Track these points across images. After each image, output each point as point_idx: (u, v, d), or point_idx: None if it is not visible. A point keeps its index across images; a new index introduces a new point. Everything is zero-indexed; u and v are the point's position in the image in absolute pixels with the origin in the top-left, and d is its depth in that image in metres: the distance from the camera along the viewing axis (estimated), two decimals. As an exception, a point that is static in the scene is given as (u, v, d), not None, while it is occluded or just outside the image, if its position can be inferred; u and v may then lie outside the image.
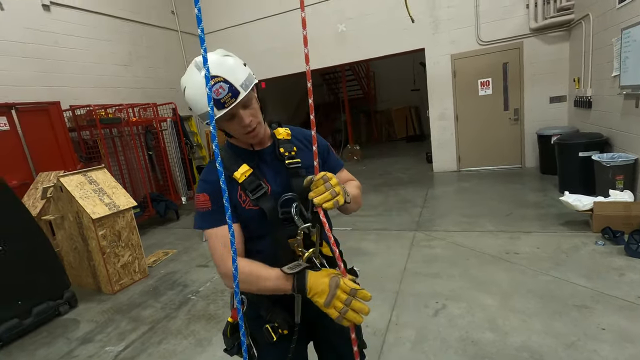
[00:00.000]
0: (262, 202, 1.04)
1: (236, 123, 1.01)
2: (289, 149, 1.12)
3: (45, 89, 5.09)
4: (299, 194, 1.04)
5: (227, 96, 0.94)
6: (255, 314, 1.14)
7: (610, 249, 3.07)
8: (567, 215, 3.81)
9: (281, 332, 1.09)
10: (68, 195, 3.48)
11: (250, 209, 1.05)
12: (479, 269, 3.07)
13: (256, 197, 1.04)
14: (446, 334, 2.30)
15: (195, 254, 4.38)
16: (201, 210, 1.08)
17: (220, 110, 0.95)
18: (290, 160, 1.10)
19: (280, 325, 1.08)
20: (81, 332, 2.93)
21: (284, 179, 1.10)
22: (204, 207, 1.07)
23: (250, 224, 1.07)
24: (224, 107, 0.95)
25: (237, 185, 1.06)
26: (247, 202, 1.05)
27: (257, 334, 1.14)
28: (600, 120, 4.65)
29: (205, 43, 0.84)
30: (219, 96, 0.94)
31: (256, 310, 1.14)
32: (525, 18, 5.81)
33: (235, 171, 1.05)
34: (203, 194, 1.07)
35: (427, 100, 6.91)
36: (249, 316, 1.14)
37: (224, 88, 0.94)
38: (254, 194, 1.04)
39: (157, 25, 7.11)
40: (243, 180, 1.05)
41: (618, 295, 2.44)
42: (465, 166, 6.81)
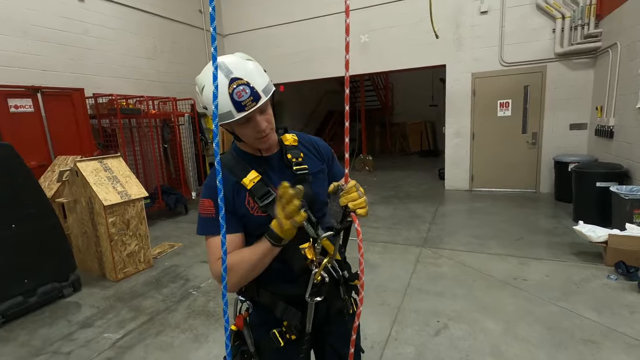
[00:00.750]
0: (271, 209, 1.02)
1: (251, 127, 1.00)
2: (296, 155, 1.12)
3: (71, 76, 5.24)
4: (308, 200, 1.02)
5: (248, 99, 0.94)
6: (263, 320, 1.13)
7: (623, 285, 2.97)
8: (580, 246, 3.72)
9: (288, 338, 1.08)
10: (83, 180, 3.55)
11: (259, 215, 1.04)
12: (485, 292, 3.00)
13: (265, 204, 1.03)
14: (446, 355, 2.25)
15: (200, 249, 4.40)
16: (205, 216, 1.06)
17: (240, 112, 0.95)
18: (297, 166, 1.10)
19: (288, 330, 1.07)
20: (82, 316, 2.96)
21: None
22: (208, 214, 1.05)
23: (258, 231, 1.03)
24: (244, 110, 0.94)
25: (246, 192, 1.05)
26: (256, 208, 1.04)
27: (263, 341, 1.12)
28: (621, 151, 4.55)
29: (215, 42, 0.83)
30: (240, 98, 0.93)
31: (264, 316, 1.12)
32: (551, 42, 5.75)
33: (244, 177, 1.04)
34: (208, 199, 1.05)
35: (443, 116, 6.87)
36: (255, 323, 1.13)
37: (246, 91, 0.93)
38: (262, 200, 1.02)
39: (183, 22, 7.27)
40: (252, 186, 1.04)
41: (628, 332, 2.35)
42: (477, 186, 6.72)
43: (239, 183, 1.05)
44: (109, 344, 2.56)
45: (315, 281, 1.01)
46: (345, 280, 1.13)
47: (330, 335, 1.22)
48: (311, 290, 1.02)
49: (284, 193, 0.89)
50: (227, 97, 0.93)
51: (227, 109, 0.94)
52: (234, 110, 0.94)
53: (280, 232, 0.94)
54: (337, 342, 1.21)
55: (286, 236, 0.94)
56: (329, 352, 1.25)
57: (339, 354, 1.23)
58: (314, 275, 1.01)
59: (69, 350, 2.50)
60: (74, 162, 3.62)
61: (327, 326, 1.19)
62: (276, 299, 1.09)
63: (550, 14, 5.65)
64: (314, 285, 1.02)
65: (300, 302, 1.07)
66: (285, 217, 0.90)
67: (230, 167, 1.07)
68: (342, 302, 1.16)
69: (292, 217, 0.90)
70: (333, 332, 1.21)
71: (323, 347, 1.26)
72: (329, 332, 1.21)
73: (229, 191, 1.05)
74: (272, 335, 1.09)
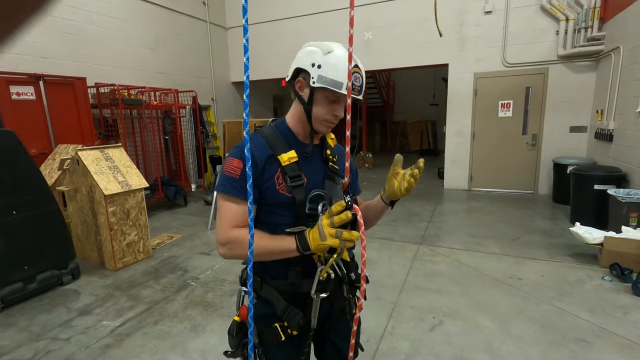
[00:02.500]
0: (296, 192, 1.05)
1: (332, 110, 1.05)
2: (333, 154, 1.17)
3: (74, 65, 5.22)
4: (329, 197, 1.06)
5: (357, 87, 1.01)
6: (265, 312, 1.13)
7: (617, 286, 3.01)
8: (576, 247, 3.75)
9: (290, 333, 1.09)
10: (84, 169, 3.56)
11: (284, 194, 1.05)
12: (481, 289, 3.04)
13: (292, 185, 1.04)
14: (440, 350, 2.29)
15: (199, 241, 4.42)
16: (229, 175, 1.04)
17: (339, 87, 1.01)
18: (332, 164, 1.15)
19: (290, 325, 1.08)
20: (81, 304, 2.98)
21: (319, 178, 1.11)
22: (233, 173, 1.04)
23: (277, 209, 1.06)
24: (340, 88, 1.01)
25: (278, 167, 1.06)
26: (283, 186, 1.05)
27: (265, 334, 1.13)
28: (620, 155, 4.57)
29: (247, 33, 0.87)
30: (355, 82, 1.00)
31: (266, 309, 1.13)
32: (554, 44, 5.75)
33: (283, 153, 1.06)
34: (238, 160, 1.04)
35: (444, 116, 6.88)
36: (257, 315, 1.13)
37: (359, 80, 1.02)
38: (292, 181, 1.04)
39: (187, 14, 7.24)
40: (286, 165, 1.05)
41: (620, 333, 2.39)
42: (476, 186, 6.75)
43: (274, 156, 1.06)
44: (107, 332, 2.58)
45: (321, 278, 1.02)
46: (349, 280, 1.14)
47: (331, 331, 1.24)
48: (317, 287, 1.03)
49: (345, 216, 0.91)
50: (344, 72, 0.99)
51: (341, 81, 1.00)
52: (344, 85, 1.00)
53: (314, 245, 0.94)
54: (337, 339, 1.23)
55: (317, 250, 0.95)
56: (330, 348, 1.27)
57: (339, 350, 1.25)
58: (320, 272, 1.02)
59: (68, 337, 2.53)
60: (75, 151, 3.62)
61: (328, 322, 1.20)
62: (278, 296, 1.10)
63: (555, 16, 5.65)
64: (320, 282, 1.03)
65: (303, 298, 1.08)
66: (332, 235, 0.92)
67: (269, 139, 1.09)
68: (345, 300, 1.18)
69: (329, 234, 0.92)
70: (334, 329, 1.23)
71: (324, 342, 1.28)
72: (330, 328, 1.22)
73: (262, 161, 1.05)
74: (273, 329, 1.10)
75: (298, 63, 1.05)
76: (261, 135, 1.11)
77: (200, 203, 6.33)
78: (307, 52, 1.05)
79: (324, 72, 1.00)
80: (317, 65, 1.01)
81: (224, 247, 1.03)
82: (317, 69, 1.01)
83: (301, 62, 1.04)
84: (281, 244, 0.99)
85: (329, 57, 1.01)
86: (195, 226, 5.02)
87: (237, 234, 1.01)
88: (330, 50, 1.02)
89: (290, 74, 1.08)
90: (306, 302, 1.09)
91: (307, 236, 0.96)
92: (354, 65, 0.97)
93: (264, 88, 9.68)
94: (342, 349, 1.23)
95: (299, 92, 1.06)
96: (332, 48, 1.02)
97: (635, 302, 2.76)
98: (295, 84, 1.07)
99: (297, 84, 1.06)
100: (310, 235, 0.95)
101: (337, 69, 1.00)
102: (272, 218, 1.08)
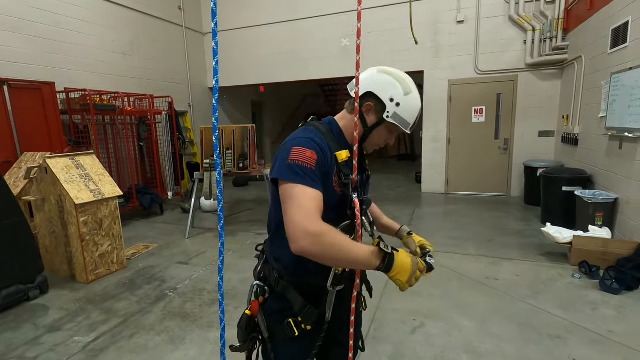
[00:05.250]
0: (347, 189, 1.04)
1: (387, 136, 1.15)
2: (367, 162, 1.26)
3: (42, 69, 5.01)
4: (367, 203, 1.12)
5: (413, 124, 1.13)
6: (278, 308, 1.13)
7: (586, 283, 3.15)
8: (547, 247, 3.91)
9: (304, 328, 1.09)
10: (52, 178, 3.40)
11: (336, 191, 1.05)
12: (459, 291, 3.10)
13: (344, 183, 1.03)
14: (422, 352, 2.31)
15: (176, 250, 4.30)
16: (301, 165, 0.95)
17: (407, 129, 1.12)
18: (368, 171, 1.24)
19: (304, 320, 1.08)
20: (50, 320, 2.83)
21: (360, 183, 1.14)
22: (307, 164, 0.96)
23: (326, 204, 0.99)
24: (409, 129, 1.13)
25: (336, 164, 1.04)
26: (337, 183, 1.05)
27: (276, 329, 1.12)
28: (585, 158, 4.82)
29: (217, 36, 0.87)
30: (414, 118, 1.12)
31: (280, 303, 1.13)
32: (522, 53, 6.03)
33: (340, 150, 1.05)
34: (312, 151, 0.98)
35: (421, 122, 7.03)
36: (270, 309, 1.13)
37: (417, 118, 1.14)
38: (345, 178, 1.04)
39: (161, 18, 7.11)
40: (342, 162, 1.04)
41: (591, 328, 2.50)
42: (453, 189, 6.93)
43: (332, 154, 1.05)
44: (79, 348, 2.46)
45: (337, 272, 1.05)
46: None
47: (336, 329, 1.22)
48: (332, 280, 1.05)
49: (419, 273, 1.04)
50: (416, 117, 1.12)
51: (410, 122, 1.11)
52: (410, 126, 1.12)
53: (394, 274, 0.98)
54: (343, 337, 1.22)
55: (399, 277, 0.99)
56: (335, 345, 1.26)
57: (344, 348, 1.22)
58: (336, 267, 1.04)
59: (35, 355, 2.39)
60: (44, 159, 3.46)
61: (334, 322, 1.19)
62: (296, 294, 1.09)
63: (522, 26, 5.93)
64: (336, 276, 1.05)
65: (318, 292, 1.09)
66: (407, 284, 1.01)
67: (324, 134, 1.08)
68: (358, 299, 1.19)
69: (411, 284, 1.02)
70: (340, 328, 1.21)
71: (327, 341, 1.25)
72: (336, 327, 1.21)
73: (330, 155, 1.04)
74: (286, 324, 1.10)
75: (373, 88, 1.08)
76: (317, 130, 1.08)
77: (177, 211, 6.17)
78: (387, 82, 1.08)
79: (401, 112, 1.08)
80: (396, 102, 1.07)
81: (316, 238, 0.88)
82: (396, 107, 1.07)
83: (376, 87, 1.08)
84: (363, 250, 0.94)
85: (409, 99, 1.09)
86: (173, 235, 4.89)
87: (332, 230, 0.91)
88: (410, 92, 1.09)
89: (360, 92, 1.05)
90: (320, 296, 1.09)
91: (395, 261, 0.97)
92: (421, 108, 1.12)
93: (242, 94, 9.61)
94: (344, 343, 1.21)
95: (366, 115, 1.10)
96: (411, 89, 1.10)
97: (602, 297, 2.90)
98: (366, 106, 1.09)
99: (366, 106, 1.09)
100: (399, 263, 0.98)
101: (412, 112, 1.10)
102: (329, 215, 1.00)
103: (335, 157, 1.04)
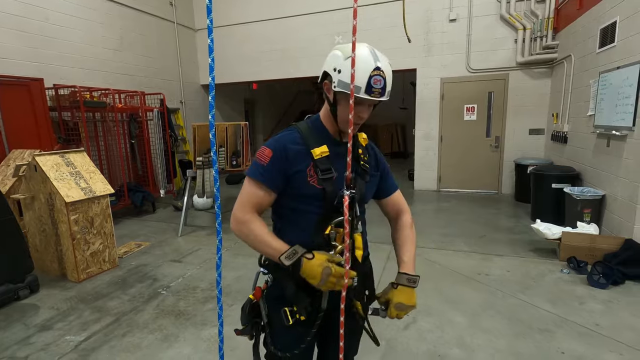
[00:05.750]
0: (327, 185, 1.10)
1: (356, 112, 1.07)
2: (365, 154, 1.23)
3: (30, 65, 4.92)
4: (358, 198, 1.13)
5: (378, 90, 1.04)
6: (277, 294, 1.17)
7: (574, 278, 3.22)
8: (537, 243, 3.97)
9: (297, 318, 1.11)
10: (42, 176, 3.35)
11: (314, 185, 1.11)
12: (451, 286, 3.14)
13: (323, 178, 1.10)
14: (415, 347, 2.34)
15: (169, 248, 4.27)
16: (257, 161, 1.13)
17: (366, 94, 1.03)
18: (363, 162, 1.20)
19: (298, 310, 1.11)
20: (40, 319, 2.80)
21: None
22: (261, 160, 1.12)
23: (307, 199, 1.12)
24: (370, 94, 1.04)
25: (311, 161, 1.12)
26: (314, 178, 1.11)
27: (274, 315, 1.16)
28: (574, 155, 4.91)
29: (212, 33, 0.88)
30: (374, 85, 1.03)
31: (279, 291, 1.16)
32: (513, 52, 6.10)
33: (315, 148, 1.12)
34: (270, 149, 1.12)
35: (413, 119, 7.09)
36: (271, 296, 1.18)
37: (381, 82, 1.04)
38: (323, 174, 1.10)
39: (152, 14, 7.02)
40: (318, 158, 1.11)
41: (578, 322, 2.55)
42: (445, 187, 6.99)
43: (307, 151, 1.12)
44: (70, 347, 2.44)
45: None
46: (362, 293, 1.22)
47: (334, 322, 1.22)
48: None
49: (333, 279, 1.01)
50: (367, 76, 1.02)
51: (359, 85, 1.02)
52: (363, 89, 1.03)
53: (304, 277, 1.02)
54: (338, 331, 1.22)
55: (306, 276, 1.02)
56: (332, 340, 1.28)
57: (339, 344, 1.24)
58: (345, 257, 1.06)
59: (25, 355, 2.36)
60: (33, 156, 3.41)
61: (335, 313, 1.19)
62: (289, 279, 1.12)
63: (513, 25, 5.99)
64: None
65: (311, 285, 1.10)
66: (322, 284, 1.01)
67: (304, 134, 1.16)
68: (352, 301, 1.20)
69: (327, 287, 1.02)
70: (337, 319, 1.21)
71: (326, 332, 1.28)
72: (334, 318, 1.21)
73: (293, 153, 1.11)
74: (282, 313, 1.13)
75: (325, 66, 1.11)
76: (297, 129, 1.18)
77: (169, 209, 6.13)
78: (332, 55, 1.10)
79: (343, 77, 1.04)
80: (337, 70, 1.06)
81: (238, 224, 1.12)
82: (338, 74, 1.06)
83: (327, 65, 1.10)
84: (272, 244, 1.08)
85: (348, 63, 1.03)
86: (165, 233, 4.85)
87: (253, 222, 1.11)
88: (349, 55, 1.03)
89: (320, 76, 1.14)
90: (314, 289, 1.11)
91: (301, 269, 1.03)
92: (375, 68, 1.02)
93: (235, 91, 9.55)
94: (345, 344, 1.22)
95: (327, 93, 1.13)
96: (349, 53, 1.03)
97: (590, 292, 2.96)
98: (324, 86, 1.13)
99: (324, 86, 1.13)
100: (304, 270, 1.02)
101: (356, 73, 1.03)
102: (303, 206, 1.14)
103: (311, 154, 1.12)
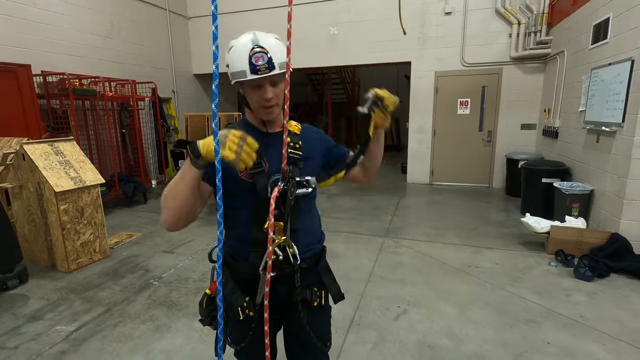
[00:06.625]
0: (257, 178, 1.11)
1: (259, 94, 1.09)
2: (295, 141, 1.21)
3: (17, 51, 4.79)
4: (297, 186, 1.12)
5: (263, 66, 1.04)
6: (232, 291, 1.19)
7: (561, 271, 3.29)
8: (526, 236, 4.04)
9: (247, 313, 1.15)
10: (30, 164, 3.29)
11: (245, 179, 1.12)
12: (442, 278, 3.19)
13: (253, 172, 1.10)
14: (405, 337, 2.38)
15: (160, 239, 4.25)
16: None
17: (253, 74, 1.04)
18: (292, 150, 1.17)
19: (248, 306, 1.15)
20: (30, 309, 2.77)
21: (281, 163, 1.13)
22: None
23: (238, 192, 1.13)
24: (257, 73, 1.04)
25: None
26: (244, 172, 1.10)
27: (229, 310, 1.18)
28: (564, 151, 4.97)
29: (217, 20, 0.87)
30: (257, 62, 1.03)
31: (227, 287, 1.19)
32: (507, 46, 6.11)
33: None
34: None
35: (407, 112, 7.09)
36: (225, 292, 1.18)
37: (264, 58, 1.04)
38: (252, 168, 1.08)
39: (144, 1, 6.86)
40: None
41: (564, 313, 2.62)
42: (437, 180, 7.04)
43: None
44: (61, 337, 2.42)
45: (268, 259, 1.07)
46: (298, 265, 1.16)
47: (293, 322, 1.28)
48: (264, 265, 1.07)
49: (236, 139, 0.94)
50: (247, 58, 1.03)
51: (243, 69, 1.04)
52: (248, 71, 1.04)
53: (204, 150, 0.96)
54: (299, 331, 1.25)
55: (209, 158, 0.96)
56: (293, 339, 1.32)
57: (300, 340, 1.29)
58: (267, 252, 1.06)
59: (15, 345, 2.35)
60: (20, 145, 3.34)
61: (289, 311, 1.25)
62: (229, 277, 1.18)
63: (508, 19, 6.00)
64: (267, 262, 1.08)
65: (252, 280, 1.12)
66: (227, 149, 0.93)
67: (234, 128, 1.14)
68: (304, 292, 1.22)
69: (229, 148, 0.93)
70: (295, 319, 1.25)
71: (287, 333, 1.34)
72: (291, 318, 1.28)
73: None
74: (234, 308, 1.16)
75: None
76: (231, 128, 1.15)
77: (160, 200, 6.07)
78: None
79: (231, 69, 1.09)
80: (227, 64, 1.10)
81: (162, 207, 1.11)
82: (227, 68, 1.10)
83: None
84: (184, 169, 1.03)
85: (230, 53, 1.09)
86: (156, 224, 4.82)
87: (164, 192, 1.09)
88: (231, 46, 1.10)
89: None
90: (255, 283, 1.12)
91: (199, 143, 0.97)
92: (252, 47, 1.04)
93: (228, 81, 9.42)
94: (303, 337, 1.27)
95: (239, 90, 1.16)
96: (232, 43, 1.10)
97: (576, 284, 3.03)
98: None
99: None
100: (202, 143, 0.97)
101: (237, 59, 1.06)
102: (237, 202, 1.14)
103: None
